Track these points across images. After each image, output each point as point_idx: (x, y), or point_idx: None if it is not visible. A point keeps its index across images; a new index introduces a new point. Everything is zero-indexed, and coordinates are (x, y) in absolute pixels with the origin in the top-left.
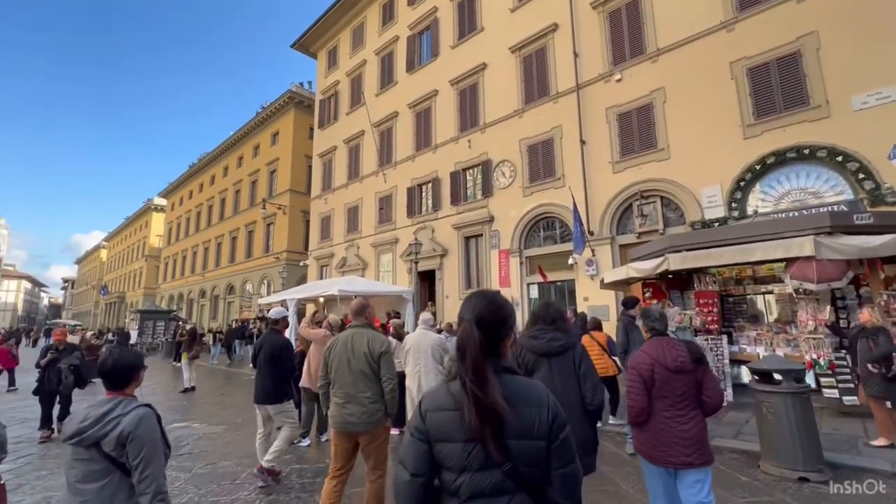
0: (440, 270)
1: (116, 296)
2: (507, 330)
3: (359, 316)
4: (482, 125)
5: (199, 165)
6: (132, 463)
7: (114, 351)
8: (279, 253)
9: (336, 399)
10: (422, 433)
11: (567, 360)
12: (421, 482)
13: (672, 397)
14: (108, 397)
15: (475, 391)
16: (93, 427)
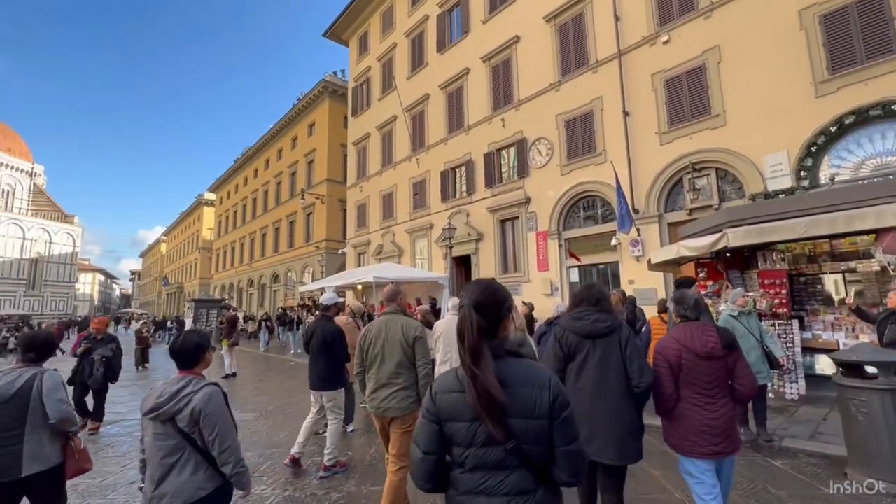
0: (476, 255)
1: (176, 286)
2: (504, 312)
3: (391, 302)
4: (516, 102)
5: (243, 159)
6: (208, 438)
7: (184, 333)
8: (319, 242)
9: (371, 384)
10: (433, 414)
11: (612, 342)
12: (432, 459)
13: (701, 384)
14: (179, 376)
15: (473, 372)
16: (168, 403)
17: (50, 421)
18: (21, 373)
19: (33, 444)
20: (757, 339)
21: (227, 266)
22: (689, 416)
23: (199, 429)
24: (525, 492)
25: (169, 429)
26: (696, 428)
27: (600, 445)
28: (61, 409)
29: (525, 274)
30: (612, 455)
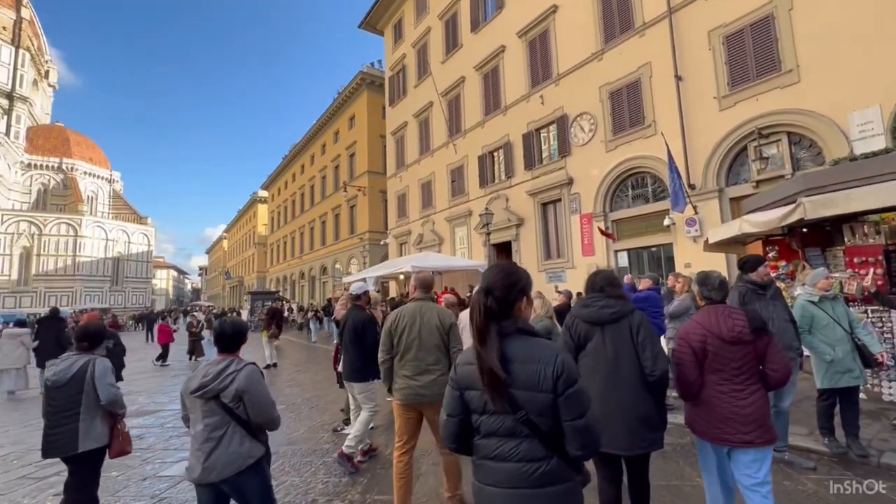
0: (516, 241)
1: (237, 279)
2: (516, 294)
3: (426, 289)
4: (555, 77)
5: (291, 156)
6: (252, 412)
7: (225, 320)
8: (362, 233)
9: (405, 371)
10: (455, 382)
11: (622, 329)
12: (454, 421)
13: (728, 370)
14: (220, 357)
15: (478, 350)
16: (213, 381)
17: (101, 402)
18: (76, 360)
19: (87, 423)
20: (846, 330)
21: (280, 260)
22: (715, 403)
23: (243, 404)
24: (537, 459)
25: (213, 405)
26: (722, 415)
27: (612, 435)
28: (111, 392)
29: (569, 259)
30: (623, 445)
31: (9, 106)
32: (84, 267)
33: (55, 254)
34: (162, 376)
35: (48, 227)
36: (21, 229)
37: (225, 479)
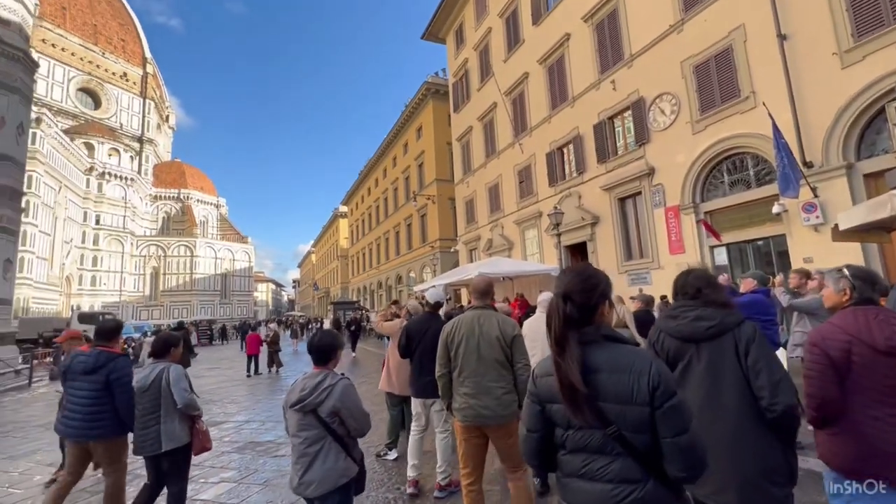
0: (592, 242)
1: (324, 290)
2: (597, 298)
3: (484, 296)
4: (627, 58)
5: (365, 171)
6: (350, 427)
7: (318, 333)
8: (433, 242)
9: (464, 389)
10: (533, 395)
11: (724, 347)
12: (535, 437)
13: (879, 389)
14: (315, 371)
15: (557, 360)
16: (310, 395)
17: (178, 406)
18: (154, 367)
19: (168, 424)
20: None
21: (360, 271)
22: (867, 432)
23: (339, 419)
24: (631, 481)
25: (311, 419)
26: (880, 449)
27: (715, 486)
28: (185, 396)
29: (654, 259)
30: (734, 502)
31: (140, 148)
32: (198, 283)
33: (176, 272)
34: (243, 385)
35: (171, 250)
36: (151, 252)
37: (319, 495)
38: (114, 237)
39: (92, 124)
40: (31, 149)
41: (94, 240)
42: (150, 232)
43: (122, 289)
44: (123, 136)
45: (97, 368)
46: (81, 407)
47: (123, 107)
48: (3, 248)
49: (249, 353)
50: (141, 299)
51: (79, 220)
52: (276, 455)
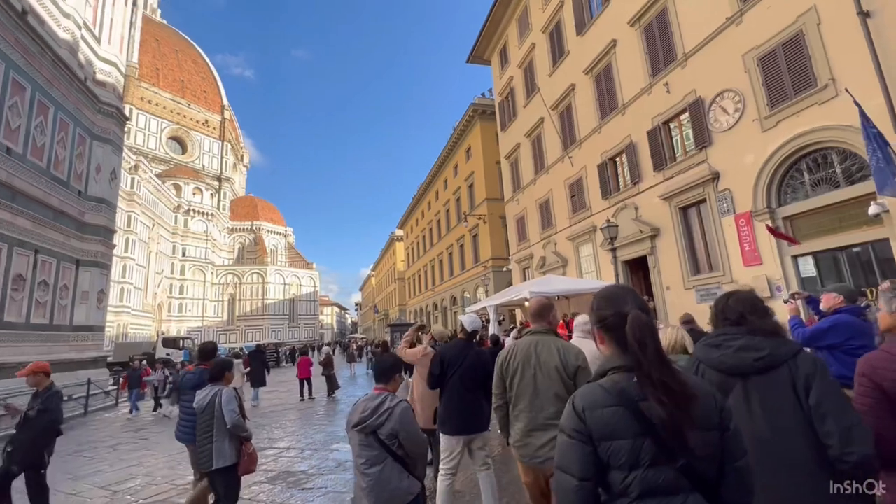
0: (653, 256)
1: (384, 313)
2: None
3: (540, 319)
4: (681, 58)
5: (418, 195)
6: (408, 449)
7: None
8: (486, 261)
9: (519, 424)
10: (583, 434)
11: (778, 383)
12: (590, 487)
13: None
14: (376, 392)
15: (667, 382)
16: (371, 417)
17: (227, 426)
18: (211, 389)
19: (219, 443)
20: None
21: (416, 293)
22: None
23: (399, 441)
24: None
25: (372, 440)
26: None
27: None
28: (233, 417)
29: (725, 272)
30: None
31: (218, 186)
32: (269, 308)
33: (250, 298)
34: (294, 410)
35: (245, 277)
36: (228, 280)
37: None
38: (197, 267)
39: (179, 167)
40: (129, 192)
41: (181, 270)
42: (228, 262)
43: (204, 314)
44: (205, 175)
45: (201, 384)
46: (191, 416)
47: (205, 150)
48: (98, 280)
49: (300, 376)
50: (220, 324)
51: (168, 253)
52: (304, 487)
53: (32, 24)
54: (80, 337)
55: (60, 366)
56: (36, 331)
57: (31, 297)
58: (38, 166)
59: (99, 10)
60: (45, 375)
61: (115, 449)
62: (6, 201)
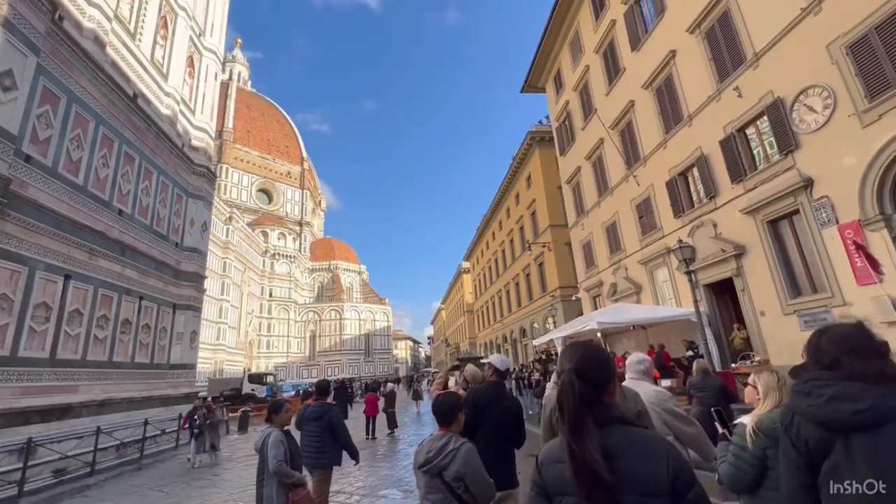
0: (740, 277)
1: (454, 346)
2: (608, 375)
3: None
4: (751, 59)
5: (482, 226)
6: (474, 493)
7: (442, 395)
8: (553, 291)
9: None
10: (539, 487)
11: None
12: None
13: None
14: (439, 433)
15: (570, 445)
16: (436, 458)
17: (271, 471)
18: (264, 431)
19: (268, 489)
20: None
21: (485, 325)
22: None
23: (465, 484)
24: None
25: (437, 482)
26: None
27: None
28: (275, 463)
29: (834, 293)
30: None
31: (299, 230)
32: (346, 343)
33: (328, 334)
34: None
35: (324, 314)
36: (309, 317)
37: None
38: (282, 306)
39: (266, 216)
40: (225, 241)
41: (268, 310)
42: (309, 300)
43: (289, 351)
44: (288, 221)
45: (321, 416)
46: (313, 442)
47: (288, 198)
48: (191, 322)
49: (368, 413)
50: (302, 359)
51: (257, 294)
52: None
53: (140, 105)
54: (175, 374)
55: (159, 401)
56: (139, 369)
57: (135, 339)
58: (143, 223)
59: (194, 87)
60: None
61: (186, 485)
62: (117, 255)
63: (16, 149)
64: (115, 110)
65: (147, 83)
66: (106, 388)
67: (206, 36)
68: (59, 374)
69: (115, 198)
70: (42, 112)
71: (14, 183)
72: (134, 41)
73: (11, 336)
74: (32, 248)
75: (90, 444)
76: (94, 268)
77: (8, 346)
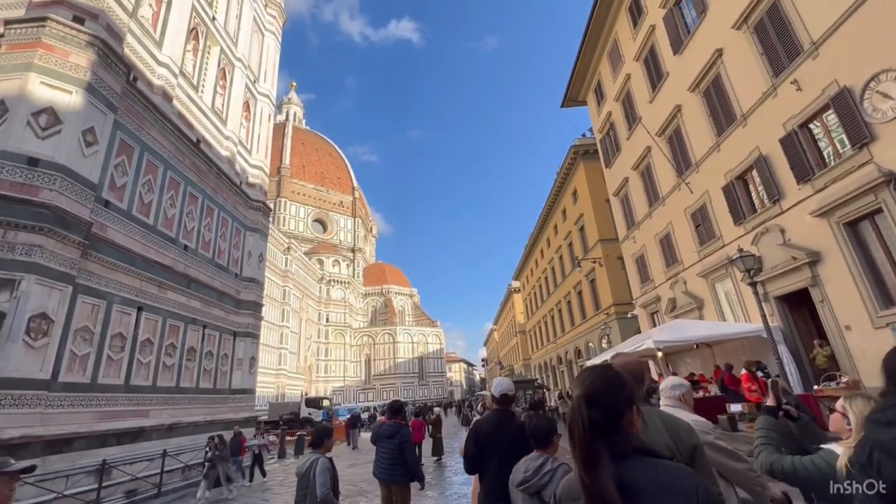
0: (816, 287)
1: (508, 368)
2: (623, 403)
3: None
4: (809, 48)
5: (530, 244)
6: None
7: (534, 418)
8: (607, 308)
9: None
10: None
11: None
12: None
13: None
14: (536, 454)
15: (583, 479)
16: (534, 477)
17: (318, 499)
18: (311, 457)
19: None
20: None
21: (539, 346)
22: None
23: None
24: None
25: (535, 501)
26: None
27: None
28: (323, 491)
29: None
30: None
31: (353, 257)
32: (400, 366)
33: (383, 358)
34: None
35: (378, 338)
36: (363, 341)
37: None
38: (338, 331)
39: (322, 244)
40: (284, 270)
41: (325, 334)
42: (363, 324)
43: (345, 374)
44: (341, 248)
45: (394, 434)
46: (386, 459)
47: (341, 227)
48: (250, 348)
49: (415, 440)
50: (358, 383)
51: (315, 320)
52: None
53: (203, 149)
54: (236, 399)
55: (221, 425)
56: (204, 394)
57: (199, 366)
58: (206, 257)
59: (250, 129)
60: None
61: None
62: (184, 287)
63: (96, 195)
64: (180, 155)
65: (208, 129)
66: (174, 413)
67: (260, 82)
68: (132, 399)
69: (181, 234)
70: (119, 162)
71: (95, 226)
72: (197, 92)
73: (92, 364)
74: (110, 283)
75: (158, 466)
76: (163, 300)
77: (89, 374)
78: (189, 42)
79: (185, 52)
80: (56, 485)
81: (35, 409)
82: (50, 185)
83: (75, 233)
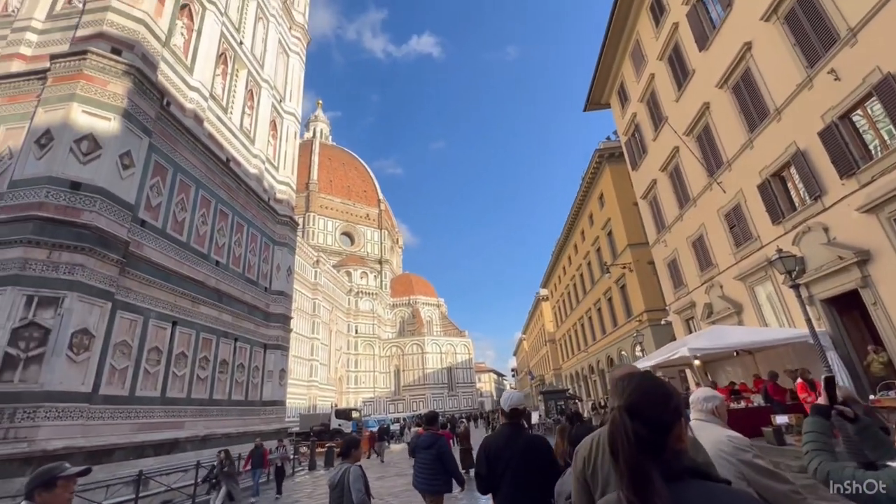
0: (868, 289)
1: (539, 378)
2: (671, 416)
3: None
4: (846, 34)
5: (557, 251)
6: None
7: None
8: (639, 315)
9: None
10: None
11: None
12: None
13: None
14: None
15: (632, 502)
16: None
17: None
18: (343, 467)
19: None
20: None
21: (569, 355)
22: None
23: None
24: None
25: None
26: None
27: None
28: (359, 496)
29: None
30: None
31: (380, 268)
32: (429, 377)
33: (412, 368)
34: None
35: (406, 348)
36: (392, 352)
37: None
38: (367, 342)
39: (349, 257)
40: (314, 283)
41: (355, 346)
42: (391, 335)
43: (375, 385)
44: (369, 260)
45: (432, 444)
46: (425, 469)
47: (368, 239)
48: (279, 360)
49: None
50: (388, 394)
51: (344, 331)
52: None
53: (232, 168)
54: (267, 410)
55: (253, 436)
56: (236, 406)
57: (231, 378)
58: (236, 272)
59: (277, 147)
60: None
61: None
62: (215, 302)
63: (133, 215)
64: (211, 175)
65: (237, 148)
66: (207, 424)
67: (286, 101)
68: (168, 411)
69: (212, 250)
70: (154, 182)
71: (132, 244)
72: (226, 114)
73: (130, 377)
74: (147, 299)
75: (192, 477)
76: (196, 314)
77: (127, 387)
78: (218, 66)
79: (215, 77)
80: (96, 495)
81: (77, 421)
82: (90, 207)
83: (114, 251)
